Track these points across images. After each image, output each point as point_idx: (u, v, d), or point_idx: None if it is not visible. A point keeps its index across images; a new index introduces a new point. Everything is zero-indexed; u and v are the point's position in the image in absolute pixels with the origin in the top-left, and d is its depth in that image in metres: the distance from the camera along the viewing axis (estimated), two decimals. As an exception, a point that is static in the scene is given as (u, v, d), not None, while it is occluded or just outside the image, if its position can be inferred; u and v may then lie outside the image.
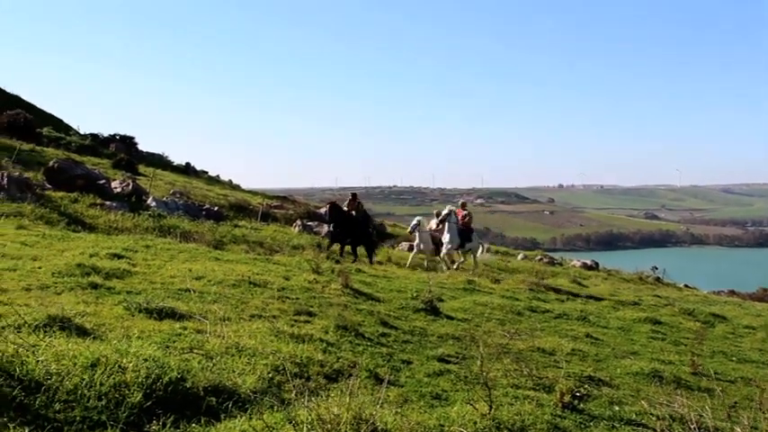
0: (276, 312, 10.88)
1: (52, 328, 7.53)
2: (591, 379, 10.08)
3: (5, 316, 7.81)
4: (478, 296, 16.52)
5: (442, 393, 8.33)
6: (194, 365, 6.74)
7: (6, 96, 66.54)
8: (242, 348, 8.03)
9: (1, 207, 22.30)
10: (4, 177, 25.87)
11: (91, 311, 9.08)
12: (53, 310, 8.13)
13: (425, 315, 13.16)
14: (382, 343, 10.40)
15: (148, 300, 9.74)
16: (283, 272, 15.39)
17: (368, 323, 11.45)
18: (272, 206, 42.41)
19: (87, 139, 56.38)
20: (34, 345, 6.36)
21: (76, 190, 28.16)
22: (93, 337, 7.44)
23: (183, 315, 9.51)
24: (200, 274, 13.14)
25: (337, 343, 9.65)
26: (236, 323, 9.65)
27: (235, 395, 6.39)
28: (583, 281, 27.79)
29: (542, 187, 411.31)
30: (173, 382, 6.02)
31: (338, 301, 12.58)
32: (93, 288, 10.77)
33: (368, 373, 8.38)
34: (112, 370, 5.91)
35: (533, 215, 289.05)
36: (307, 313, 11.21)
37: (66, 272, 11.66)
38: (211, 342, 8.11)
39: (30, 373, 5.66)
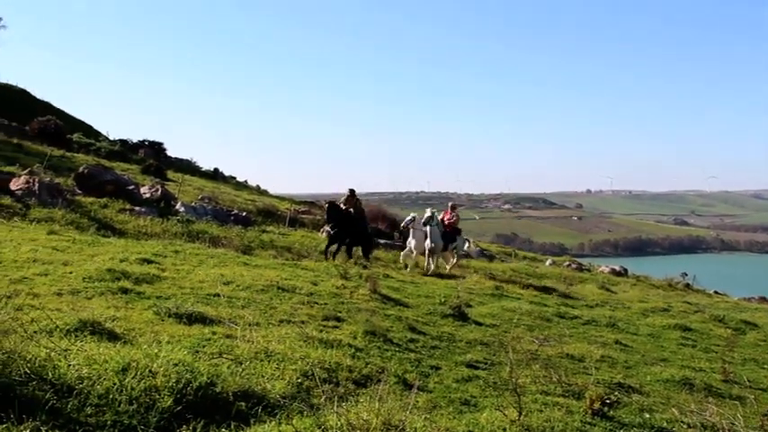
0: (305, 317, 10.89)
1: (83, 332, 7.59)
2: (621, 386, 10.01)
3: (38, 320, 7.87)
4: (507, 302, 16.48)
5: (470, 399, 8.31)
6: (224, 370, 6.76)
7: (37, 103, 67.27)
8: (271, 353, 8.05)
9: (33, 212, 22.53)
10: (36, 183, 26.11)
11: (121, 316, 9.14)
12: (84, 315, 8.20)
13: (453, 321, 13.14)
14: (410, 348, 10.39)
15: (178, 305, 9.79)
16: (311, 277, 15.41)
17: (396, 329, 11.44)
18: (299, 211, 42.55)
19: (116, 144, 56.84)
20: (66, 349, 6.41)
21: (106, 195, 28.37)
22: (124, 342, 7.50)
23: (213, 320, 9.55)
24: (229, 279, 13.18)
25: (366, 348, 9.65)
26: (265, 328, 9.67)
27: (264, 400, 6.40)
28: (611, 287, 27.66)
29: (570, 192, 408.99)
30: (203, 387, 6.04)
31: (366, 307, 12.58)
32: (124, 293, 10.83)
33: (396, 379, 8.38)
34: (143, 374, 5.94)
35: (561, 221, 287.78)
36: (335, 318, 11.22)
37: (97, 277, 11.73)
38: (241, 347, 8.14)
39: (62, 377, 5.71)
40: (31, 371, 5.64)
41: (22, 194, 25.39)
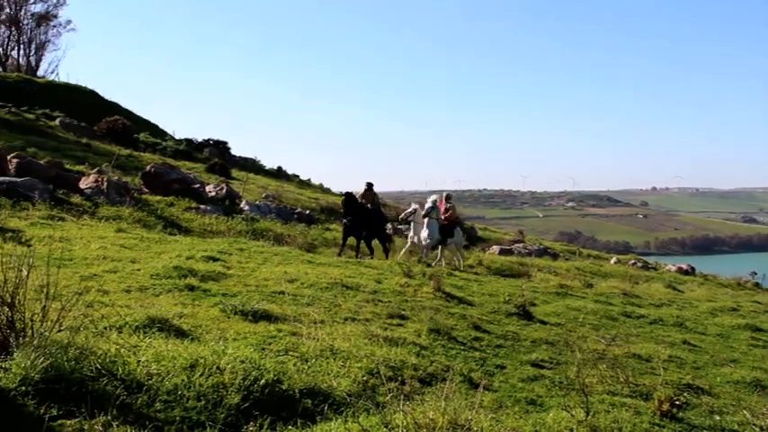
0: (369, 315, 10.91)
1: (152, 329, 7.70)
2: (689, 387, 9.84)
3: (107, 317, 8.00)
4: (571, 300, 16.31)
5: (536, 399, 8.25)
6: (290, 368, 6.81)
7: (105, 103, 68.43)
8: (336, 351, 8.07)
9: (101, 210, 22.92)
10: (104, 182, 26.57)
11: (188, 313, 9.25)
12: (152, 312, 8.31)
13: (518, 319, 13.04)
14: (475, 347, 10.34)
15: (244, 302, 9.87)
16: (375, 275, 15.42)
17: (460, 327, 11.40)
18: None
19: (182, 144, 57.55)
20: (135, 345, 6.51)
21: (172, 194, 28.77)
22: (191, 339, 7.59)
23: (278, 317, 9.61)
24: (294, 277, 13.25)
25: (430, 347, 9.64)
26: (330, 326, 9.71)
27: (330, 398, 6.42)
28: (678, 286, 27.21)
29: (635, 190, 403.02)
30: (269, 384, 6.08)
31: (430, 305, 12.55)
32: (190, 290, 10.95)
33: (462, 378, 8.35)
34: (210, 371, 6.00)
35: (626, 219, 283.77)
36: (399, 317, 11.22)
37: (164, 274, 11.88)
38: (306, 344, 8.18)
39: (131, 373, 5.79)
40: (102, 366, 5.73)
41: (92, 193, 25.86)
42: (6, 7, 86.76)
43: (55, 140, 43.67)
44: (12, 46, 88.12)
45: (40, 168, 26.74)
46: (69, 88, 70.94)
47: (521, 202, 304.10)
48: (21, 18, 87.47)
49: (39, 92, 63.90)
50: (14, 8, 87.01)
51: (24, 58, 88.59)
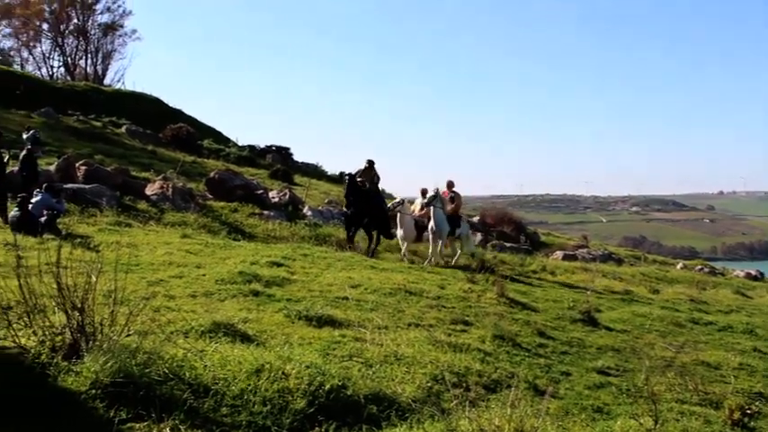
0: (433, 321, 10.87)
1: (217, 333, 7.76)
2: (761, 396, 9.60)
3: (174, 321, 8.09)
4: (637, 307, 16.08)
5: (603, 407, 8.13)
6: (354, 373, 6.81)
7: (170, 111, 69.58)
8: (400, 357, 8.06)
9: (167, 216, 23.30)
10: (170, 188, 27.01)
11: (253, 318, 9.30)
12: (218, 317, 8.39)
13: (583, 326, 12.90)
14: (540, 354, 10.24)
15: (308, 307, 9.91)
16: (438, 280, 15.38)
17: (524, 333, 11.30)
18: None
19: (245, 150, 58.21)
20: (202, 350, 6.57)
21: (236, 200, 29.10)
22: (256, 344, 7.62)
23: (342, 323, 9.62)
24: (357, 283, 13.27)
25: (495, 353, 9.56)
26: (394, 331, 9.69)
27: (395, 404, 6.40)
28: (747, 291, 26.68)
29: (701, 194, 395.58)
30: (334, 390, 6.08)
31: (494, 311, 12.48)
32: (255, 295, 11.02)
33: (527, 385, 8.27)
34: (276, 376, 6.02)
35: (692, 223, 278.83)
36: (463, 322, 11.16)
37: (229, 279, 11.98)
38: (370, 350, 8.18)
39: (198, 378, 5.84)
40: (170, 371, 5.79)
41: (157, 199, 26.31)
42: (74, 18, 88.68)
43: (121, 148, 44.50)
44: (80, 56, 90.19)
45: (108, 175, 27.27)
46: (135, 96, 72.32)
47: (584, 207, 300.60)
48: (88, 28, 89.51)
49: (106, 100, 65.23)
50: (82, 19, 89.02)
51: (92, 67, 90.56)
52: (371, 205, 21.70)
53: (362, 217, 21.72)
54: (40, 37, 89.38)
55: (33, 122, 39.10)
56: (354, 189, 21.59)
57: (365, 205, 21.51)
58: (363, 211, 21.58)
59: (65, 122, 50.63)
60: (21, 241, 11.83)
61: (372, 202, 21.74)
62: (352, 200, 21.62)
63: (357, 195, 21.49)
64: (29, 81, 66.00)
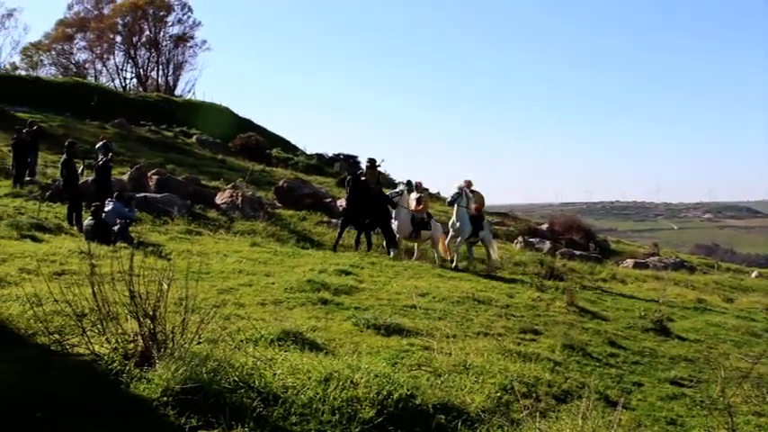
0: (501, 330, 10.78)
1: (286, 342, 7.80)
2: (843, 408, 9.33)
3: (244, 330, 8.14)
4: (711, 316, 15.75)
5: (677, 419, 7.97)
6: (423, 382, 6.77)
7: (239, 120, 70.42)
8: (469, 366, 8.00)
9: (236, 225, 23.55)
10: (239, 197, 27.29)
11: (321, 326, 9.33)
12: (287, 325, 8.44)
13: (655, 335, 12.67)
14: (611, 364, 10.09)
15: (376, 316, 9.92)
16: (506, 289, 15.27)
17: (595, 342, 11.15)
18: (492, 223, 42.35)
19: (313, 158, 58.58)
20: (271, 358, 6.59)
21: (304, 208, 29.28)
22: (325, 352, 7.64)
23: (410, 331, 9.60)
24: (425, 291, 13.24)
25: (564, 362, 9.45)
26: (462, 340, 9.64)
27: (463, 414, 6.34)
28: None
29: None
30: (403, 399, 6.05)
31: (563, 320, 12.35)
32: (323, 303, 11.06)
33: (598, 395, 8.13)
34: (345, 385, 6.01)
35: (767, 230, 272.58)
36: (532, 331, 11.05)
37: (298, 287, 12.04)
38: (439, 359, 8.13)
39: (268, 386, 5.86)
40: (239, 379, 5.82)
41: (227, 208, 26.59)
42: (147, 30, 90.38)
43: (192, 157, 45.13)
44: (152, 67, 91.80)
45: (179, 184, 27.70)
46: (205, 106, 73.35)
47: (654, 214, 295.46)
48: (160, 40, 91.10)
49: (177, 110, 66.26)
50: (154, 31, 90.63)
51: (163, 78, 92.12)
52: (375, 207, 20.88)
53: (363, 218, 20.88)
54: (114, 49, 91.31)
55: (107, 133, 39.78)
56: (359, 188, 20.79)
57: (368, 206, 20.65)
58: (365, 212, 20.73)
59: (137, 133, 51.53)
60: (94, 249, 12.03)
61: (377, 205, 20.91)
62: (354, 198, 20.76)
63: (361, 195, 20.64)
64: (102, 92, 67.37)
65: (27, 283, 9.68)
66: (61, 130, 43.35)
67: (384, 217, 21.15)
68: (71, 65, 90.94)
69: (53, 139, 35.12)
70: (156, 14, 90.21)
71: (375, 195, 21.00)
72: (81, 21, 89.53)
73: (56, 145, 31.36)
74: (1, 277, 10.12)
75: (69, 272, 11.28)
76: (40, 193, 23.79)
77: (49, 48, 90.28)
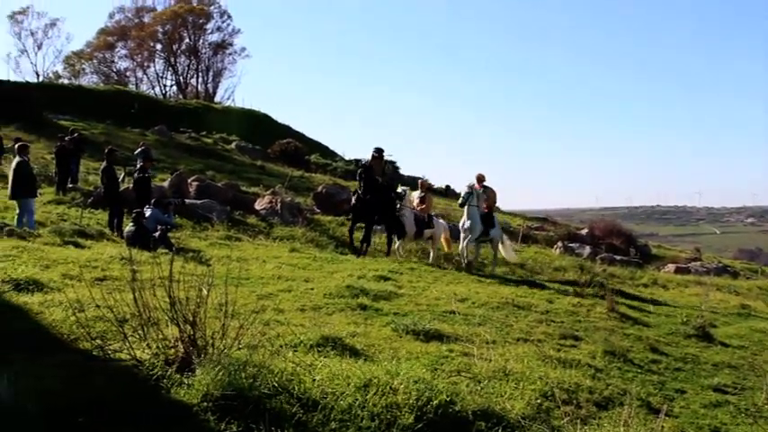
0: (541, 336, 10.71)
1: (325, 347, 7.80)
2: None
3: (283, 335, 8.17)
4: (755, 322, 15.51)
5: (720, 426, 7.85)
6: (462, 389, 6.73)
7: (278, 126, 70.96)
8: (509, 372, 7.94)
9: (275, 231, 23.66)
10: (278, 203, 27.42)
11: (361, 332, 9.32)
12: (326, 331, 8.44)
13: (697, 341, 12.49)
14: (653, 370, 9.96)
15: (415, 321, 9.88)
16: (546, 294, 15.17)
17: (636, 349, 11.02)
18: (531, 228, 42.17)
19: (352, 164, 58.63)
20: (310, 364, 6.60)
21: (343, 214, 29.30)
22: (364, 358, 7.63)
23: (449, 337, 9.55)
24: (464, 297, 13.19)
25: (605, 369, 9.35)
26: (502, 346, 9.58)
27: (504, 420, 6.29)
28: None
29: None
30: (442, 405, 6.02)
31: (604, 326, 12.23)
32: (362, 309, 11.05)
33: (640, 402, 8.03)
34: (384, 391, 6.00)
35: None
36: (572, 337, 10.96)
37: (337, 293, 12.04)
38: (478, 365, 8.09)
39: (307, 392, 5.86)
40: (279, 384, 5.83)
41: (266, 214, 26.74)
42: (186, 38, 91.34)
43: (231, 163, 45.52)
44: (191, 74, 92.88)
45: (218, 190, 27.93)
46: (244, 113, 74.05)
47: (696, 219, 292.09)
48: (199, 48, 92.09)
49: (216, 117, 66.93)
50: (193, 39, 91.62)
51: (203, 85, 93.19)
52: (385, 201, 19.97)
53: (373, 212, 19.77)
54: (154, 57, 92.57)
55: (147, 140, 40.30)
56: (369, 180, 19.59)
57: (378, 200, 19.65)
58: (375, 205, 19.63)
59: (177, 140, 52.11)
60: (135, 256, 12.13)
61: (386, 198, 20.05)
62: (364, 189, 19.53)
63: (371, 187, 19.51)
64: (143, 100, 68.31)
65: (70, 288, 9.77)
66: (103, 137, 43.98)
67: (392, 209, 20.36)
68: (112, 73, 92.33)
69: (95, 147, 35.59)
70: (196, 22, 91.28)
71: (383, 187, 20.20)
72: (122, 29, 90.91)
73: (97, 152, 31.74)
74: (44, 283, 10.21)
75: (111, 278, 11.39)
76: (82, 199, 24.09)
77: (91, 56, 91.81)
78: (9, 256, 12.35)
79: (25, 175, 18.24)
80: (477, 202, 19.74)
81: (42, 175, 26.98)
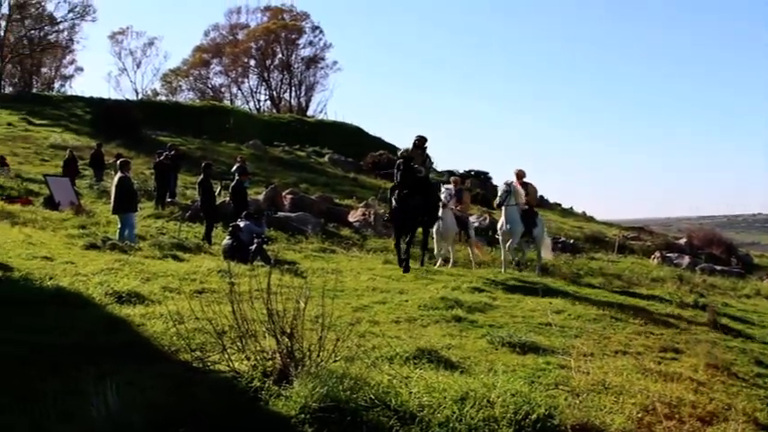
0: (640, 348, 10.46)
1: (421, 359, 7.76)
2: None
3: (379, 347, 8.17)
4: None
5: (831, 443, 7.56)
6: (561, 402, 6.63)
7: (369, 138, 71.35)
8: (608, 385, 7.79)
9: (369, 242, 23.76)
10: (371, 215, 27.59)
11: (456, 344, 9.26)
12: (421, 343, 8.42)
13: (805, 354, 12.07)
14: (758, 384, 9.63)
15: (511, 333, 9.77)
16: (644, 306, 14.85)
17: (740, 362, 10.68)
18: (627, 237, 41.44)
19: (443, 175, 58.60)
20: (407, 376, 6.59)
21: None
22: (461, 371, 7.58)
23: (546, 349, 9.42)
24: (560, 308, 12.99)
25: (708, 383, 9.08)
26: (600, 359, 9.40)
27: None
28: None
29: None
30: (540, 419, 5.94)
31: (706, 338, 11.90)
32: (457, 321, 10.98)
33: (746, 417, 7.78)
34: (481, 404, 5.95)
35: None
36: (673, 350, 10.68)
37: (431, 305, 11.99)
38: (576, 378, 7.95)
39: (404, 404, 5.84)
40: (375, 397, 5.83)
41: (359, 226, 26.94)
42: (279, 53, 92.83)
43: (324, 176, 45.95)
44: (284, 89, 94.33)
45: (312, 203, 28.26)
46: (337, 126, 74.77)
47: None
48: (292, 62, 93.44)
49: (309, 130, 67.80)
50: (286, 54, 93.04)
51: (296, 99, 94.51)
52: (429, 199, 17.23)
53: (418, 212, 16.71)
54: (248, 73, 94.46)
55: (242, 154, 41.01)
56: (410, 174, 16.39)
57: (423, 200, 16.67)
58: (419, 207, 16.58)
59: (271, 153, 52.92)
60: (233, 268, 12.34)
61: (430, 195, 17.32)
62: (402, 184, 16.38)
63: (412, 182, 16.30)
64: (238, 115, 69.63)
65: (170, 301, 9.99)
66: (199, 152, 44.92)
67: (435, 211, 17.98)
68: (208, 89, 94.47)
69: (192, 162, 36.36)
70: (289, 38, 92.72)
71: (426, 182, 17.42)
72: (217, 47, 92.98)
73: (194, 167, 32.41)
74: (145, 295, 10.44)
75: (209, 290, 11.57)
76: (180, 213, 24.66)
77: (187, 73, 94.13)
78: (111, 270, 12.66)
79: (126, 191, 18.73)
80: (515, 201, 18.22)
81: (142, 189, 27.70)
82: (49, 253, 14.15)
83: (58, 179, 27.12)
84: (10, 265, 11.98)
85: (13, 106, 56.32)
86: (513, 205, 18.14)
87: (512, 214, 18.19)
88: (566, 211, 61.45)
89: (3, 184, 27.79)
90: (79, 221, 20.50)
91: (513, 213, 18.19)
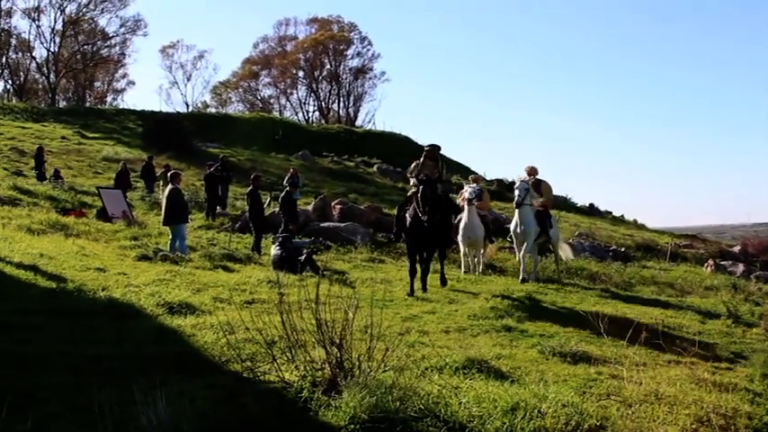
0: (694, 358, 10.32)
1: (471, 370, 7.72)
2: None
3: (428, 357, 8.15)
4: None
5: None
6: (613, 413, 6.55)
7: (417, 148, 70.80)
8: (661, 396, 7.67)
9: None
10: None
11: (506, 354, 9.20)
12: (471, 353, 8.36)
13: None
14: (817, 395, 9.45)
15: (562, 343, 9.70)
16: (698, 314, 14.64)
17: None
18: (680, 245, 40.89)
19: (493, 184, 58.42)
20: (456, 387, 6.55)
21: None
22: (511, 381, 7.52)
23: (597, 359, 9.31)
24: (610, 315, 12.86)
25: (765, 393, 8.89)
26: (653, 369, 9.27)
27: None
28: None
29: None
30: (592, 430, 5.89)
31: (762, 347, 11.68)
32: (507, 331, 10.92)
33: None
34: (532, 415, 5.90)
35: None
36: (728, 360, 10.52)
37: (481, 314, 11.94)
38: (628, 388, 7.84)
39: (453, 415, 5.82)
40: (425, 407, 5.81)
41: (410, 235, 26.84)
42: (327, 64, 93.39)
43: (373, 186, 46.05)
44: (333, 99, 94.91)
45: (361, 213, 28.28)
46: (385, 136, 74.88)
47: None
48: (340, 73, 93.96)
49: (357, 141, 68.02)
50: (334, 65, 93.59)
51: (344, 109, 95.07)
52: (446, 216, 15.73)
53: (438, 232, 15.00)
54: (297, 84, 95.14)
55: (291, 165, 41.28)
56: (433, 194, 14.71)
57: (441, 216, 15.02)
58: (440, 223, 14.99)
59: (320, 164, 53.23)
60: (282, 279, 12.39)
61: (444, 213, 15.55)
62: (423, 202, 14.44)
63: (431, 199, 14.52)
64: (287, 126, 70.19)
65: (220, 311, 10.07)
66: (249, 163, 45.32)
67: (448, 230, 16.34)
68: (257, 101, 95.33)
69: (241, 173, 36.71)
70: (337, 49, 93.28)
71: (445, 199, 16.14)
72: (266, 58, 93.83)
73: (244, 178, 32.72)
74: (196, 306, 10.53)
75: (259, 300, 11.64)
76: (230, 224, 24.85)
77: (237, 85, 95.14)
78: (163, 281, 12.80)
79: (177, 202, 18.93)
80: (530, 201, 17.27)
81: (192, 201, 28.00)
82: (102, 264, 14.34)
83: (110, 191, 27.45)
84: (64, 276, 12.16)
85: (67, 120, 57.32)
86: (527, 204, 17.18)
87: (525, 214, 17.21)
88: (616, 219, 60.83)
89: (57, 196, 28.24)
90: (131, 233, 20.74)
91: (527, 213, 17.21)
